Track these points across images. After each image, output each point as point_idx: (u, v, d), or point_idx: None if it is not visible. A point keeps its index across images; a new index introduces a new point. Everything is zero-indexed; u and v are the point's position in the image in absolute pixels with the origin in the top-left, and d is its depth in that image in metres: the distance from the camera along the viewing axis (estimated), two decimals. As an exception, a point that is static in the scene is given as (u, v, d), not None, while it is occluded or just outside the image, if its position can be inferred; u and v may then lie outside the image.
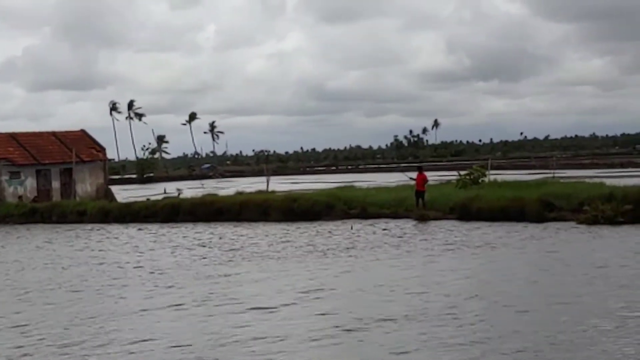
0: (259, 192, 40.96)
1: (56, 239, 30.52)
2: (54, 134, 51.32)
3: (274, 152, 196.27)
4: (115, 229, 33.61)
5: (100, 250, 25.32)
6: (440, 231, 26.20)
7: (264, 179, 47.12)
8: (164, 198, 43.18)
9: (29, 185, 46.84)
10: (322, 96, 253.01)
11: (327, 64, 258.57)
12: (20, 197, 45.54)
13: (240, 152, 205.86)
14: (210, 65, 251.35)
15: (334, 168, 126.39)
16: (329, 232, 27.41)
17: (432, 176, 49.06)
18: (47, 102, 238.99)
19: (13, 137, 48.78)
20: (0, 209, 42.14)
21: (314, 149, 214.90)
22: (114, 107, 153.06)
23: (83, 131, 52.94)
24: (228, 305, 14.57)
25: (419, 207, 31.30)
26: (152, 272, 19.44)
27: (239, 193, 40.49)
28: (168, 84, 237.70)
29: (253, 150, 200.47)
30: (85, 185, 49.08)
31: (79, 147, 49.51)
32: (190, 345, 11.47)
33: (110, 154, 55.38)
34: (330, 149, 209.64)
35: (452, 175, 43.55)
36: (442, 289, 15.27)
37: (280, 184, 57.26)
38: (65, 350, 11.50)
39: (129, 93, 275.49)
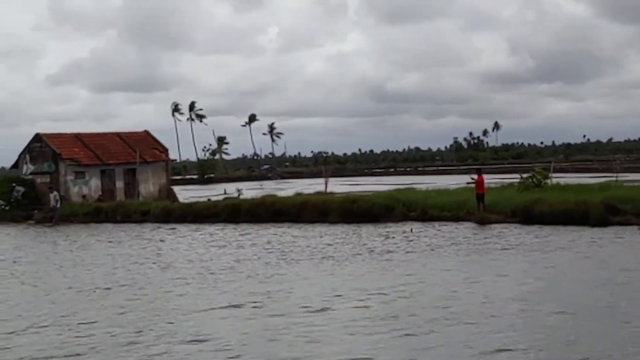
0: (318, 193, 41.04)
1: (120, 238, 31.01)
2: (118, 134, 52.13)
3: (332, 153, 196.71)
4: (177, 228, 34.00)
5: (162, 250, 25.64)
6: (501, 235, 25.90)
7: (322, 180, 47.17)
8: (225, 198, 43.56)
9: (93, 185, 47.64)
10: (381, 97, 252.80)
11: (387, 65, 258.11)
12: (84, 197, 46.37)
13: (299, 153, 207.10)
14: (271, 67, 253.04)
15: (392, 170, 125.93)
16: (388, 234, 27.31)
17: (493, 179, 48.58)
18: (112, 104, 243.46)
19: (78, 137, 49.65)
20: (65, 208, 42.93)
21: (371, 151, 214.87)
22: (176, 109, 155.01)
23: (146, 132, 53.64)
24: (283, 305, 14.61)
25: (480, 210, 30.99)
26: (212, 273, 19.61)
27: (298, 194, 40.63)
28: (229, 85, 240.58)
29: (311, 152, 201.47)
30: (148, 185, 49.73)
31: (142, 147, 50.17)
32: (245, 343, 11.56)
33: (172, 154, 56.05)
34: (388, 150, 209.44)
35: (513, 178, 43.02)
36: (499, 293, 15.10)
37: (339, 186, 57.23)
38: (129, 346, 11.68)
39: (191, 95, 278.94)
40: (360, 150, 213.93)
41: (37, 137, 48.22)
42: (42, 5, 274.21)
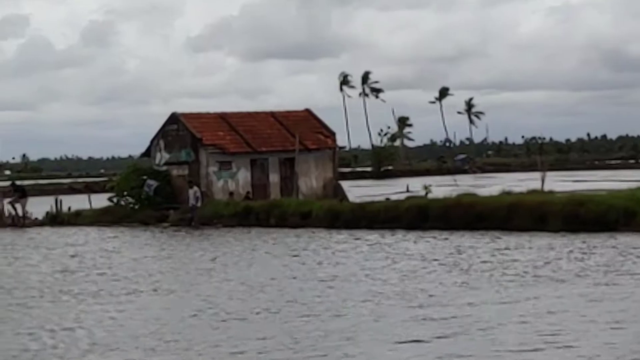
0: (532, 192, 40.48)
1: (275, 247, 31.83)
2: (272, 114, 52.96)
3: (551, 139, 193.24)
4: (347, 235, 34.45)
5: (327, 263, 26.08)
6: None
7: (537, 174, 46.40)
8: (408, 198, 43.72)
9: (241, 178, 48.65)
10: (620, 65, 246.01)
11: (629, 21, 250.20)
12: (231, 194, 47.40)
13: (506, 139, 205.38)
14: (471, 25, 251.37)
15: (633, 162, 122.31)
16: (628, 248, 26.61)
17: None
18: (266, 75, 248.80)
19: (223, 118, 50.70)
20: (207, 208, 44.05)
21: (604, 136, 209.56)
22: (344, 81, 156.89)
23: (308, 111, 54.15)
24: (481, 341, 14.65)
25: None
26: (388, 297, 19.81)
27: (505, 193, 40.22)
28: (415, 50, 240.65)
29: (522, 137, 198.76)
30: (310, 179, 50.29)
31: (302, 131, 50.48)
32: None
33: (341, 140, 56.76)
34: (627, 135, 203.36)
35: None
36: None
37: (560, 182, 56.30)
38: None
39: (365, 62, 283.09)
40: (589, 135, 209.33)
41: (174, 118, 49.78)
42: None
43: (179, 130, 49.20)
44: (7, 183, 54.99)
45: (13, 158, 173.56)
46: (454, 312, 17.24)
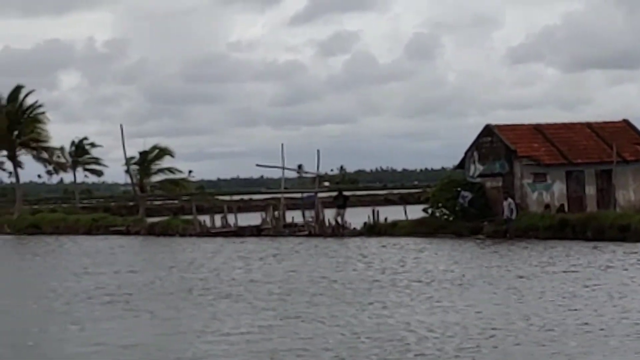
0: None
1: (587, 262, 31.29)
2: (588, 125, 51.98)
3: None
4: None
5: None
6: None
7: None
8: None
9: (556, 190, 47.92)
10: None
11: None
12: (547, 206, 46.79)
13: None
14: None
15: None
16: None
17: None
18: (586, 85, 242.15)
19: (538, 129, 50.33)
20: (522, 220, 43.90)
21: None
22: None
23: (625, 122, 52.74)
24: None
25: None
26: None
27: None
28: None
29: None
30: (628, 192, 48.82)
31: (619, 142, 49.31)
32: None
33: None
34: None
35: None
36: None
37: None
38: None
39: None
40: None
41: (487, 130, 49.87)
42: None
43: (493, 142, 49.25)
44: (325, 194, 57.08)
45: (332, 170, 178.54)
46: None
